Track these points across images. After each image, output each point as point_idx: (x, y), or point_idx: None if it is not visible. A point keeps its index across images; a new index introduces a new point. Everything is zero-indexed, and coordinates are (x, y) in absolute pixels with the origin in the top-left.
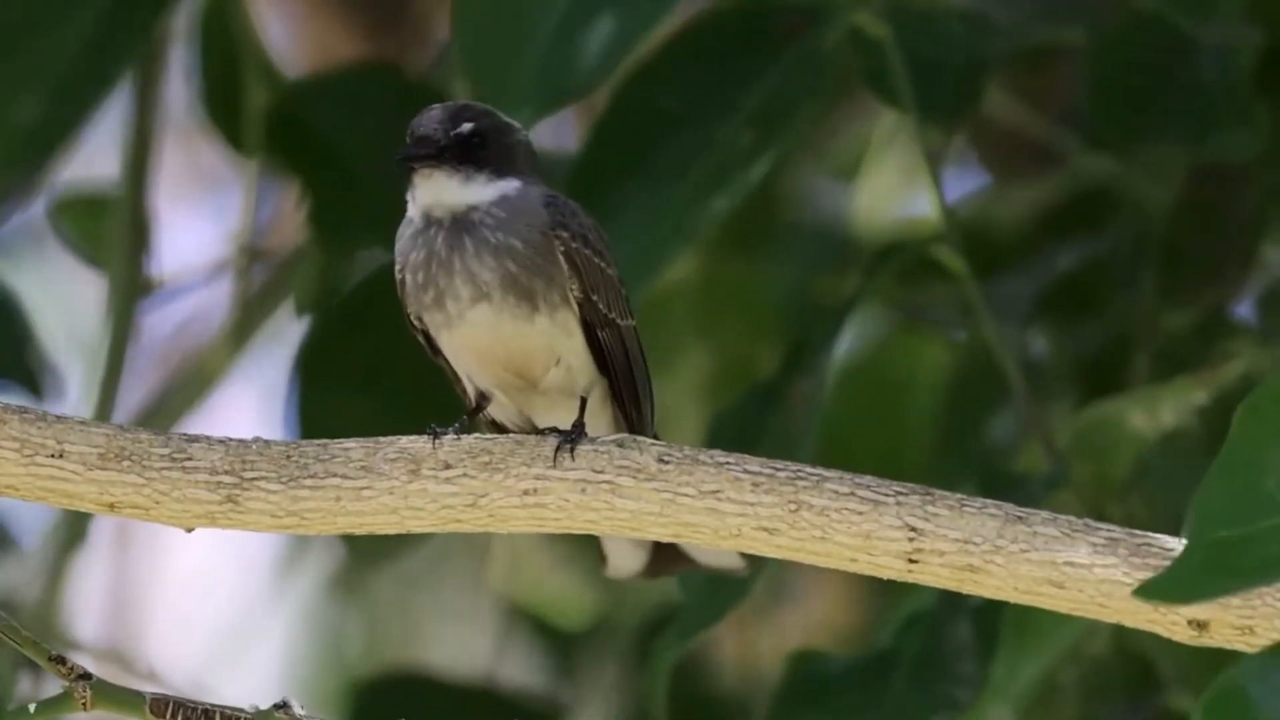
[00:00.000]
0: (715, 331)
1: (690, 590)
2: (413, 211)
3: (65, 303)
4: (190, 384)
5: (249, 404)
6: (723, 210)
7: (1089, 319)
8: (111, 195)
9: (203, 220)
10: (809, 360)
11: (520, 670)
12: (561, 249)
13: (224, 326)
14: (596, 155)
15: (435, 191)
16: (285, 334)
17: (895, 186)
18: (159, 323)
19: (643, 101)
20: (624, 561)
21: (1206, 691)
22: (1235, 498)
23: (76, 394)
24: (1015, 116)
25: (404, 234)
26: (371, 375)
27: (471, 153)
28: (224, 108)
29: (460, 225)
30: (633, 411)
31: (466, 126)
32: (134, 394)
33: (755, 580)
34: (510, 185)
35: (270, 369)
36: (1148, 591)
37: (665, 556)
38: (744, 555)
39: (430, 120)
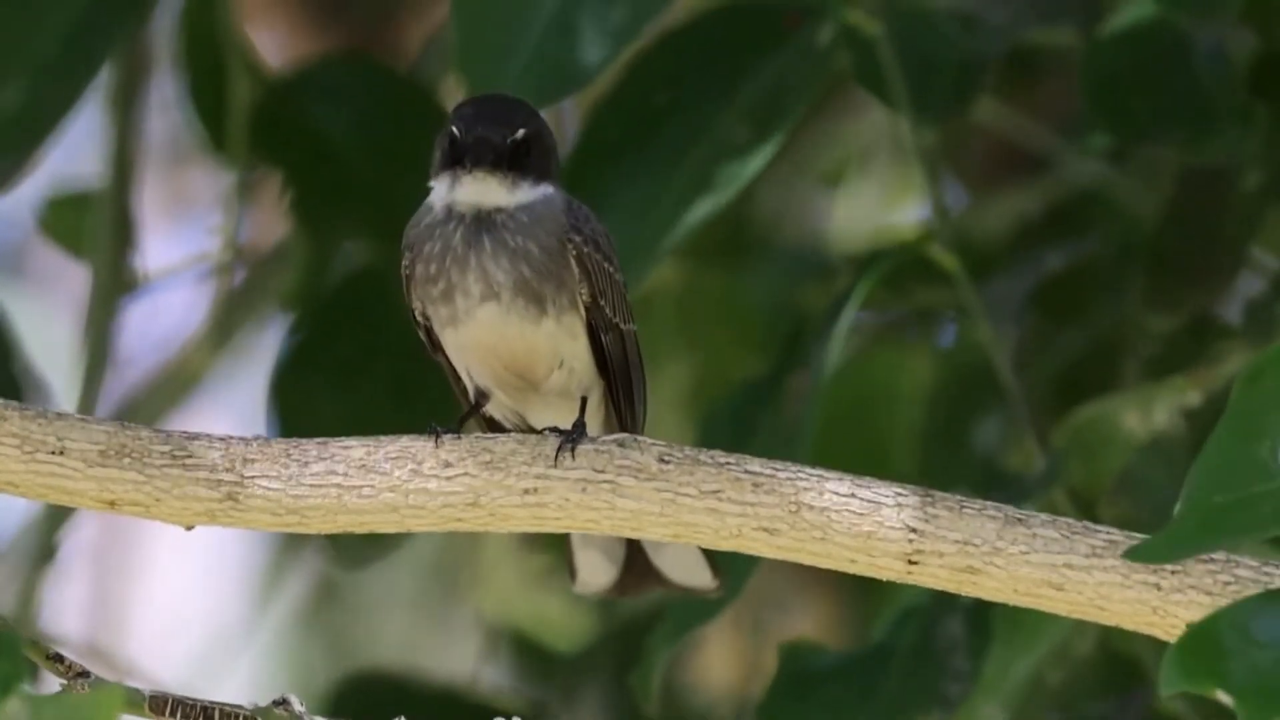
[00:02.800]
0: (695, 343)
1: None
2: (435, 200)
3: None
4: (171, 382)
5: (232, 403)
6: (717, 206)
7: (1073, 325)
8: (96, 191)
9: (182, 246)
10: (804, 354)
11: (502, 683)
12: (574, 253)
13: (205, 324)
14: (591, 143)
15: (482, 193)
16: (267, 333)
17: (878, 197)
18: (141, 321)
19: (638, 95)
20: (593, 578)
21: (1180, 637)
22: (1231, 464)
23: (59, 402)
24: (1000, 123)
25: (420, 222)
26: (354, 374)
27: (519, 159)
28: (208, 104)
29: (481, 223)
30: (627, 414)
31: (521, 132)
32: (115, 393)
33: (748, 577)
34: (542, 192)
35: (253, 368)
36: (1139, 554)
37: (635, 575)
38: (715, 575)
39: (488, 120)
